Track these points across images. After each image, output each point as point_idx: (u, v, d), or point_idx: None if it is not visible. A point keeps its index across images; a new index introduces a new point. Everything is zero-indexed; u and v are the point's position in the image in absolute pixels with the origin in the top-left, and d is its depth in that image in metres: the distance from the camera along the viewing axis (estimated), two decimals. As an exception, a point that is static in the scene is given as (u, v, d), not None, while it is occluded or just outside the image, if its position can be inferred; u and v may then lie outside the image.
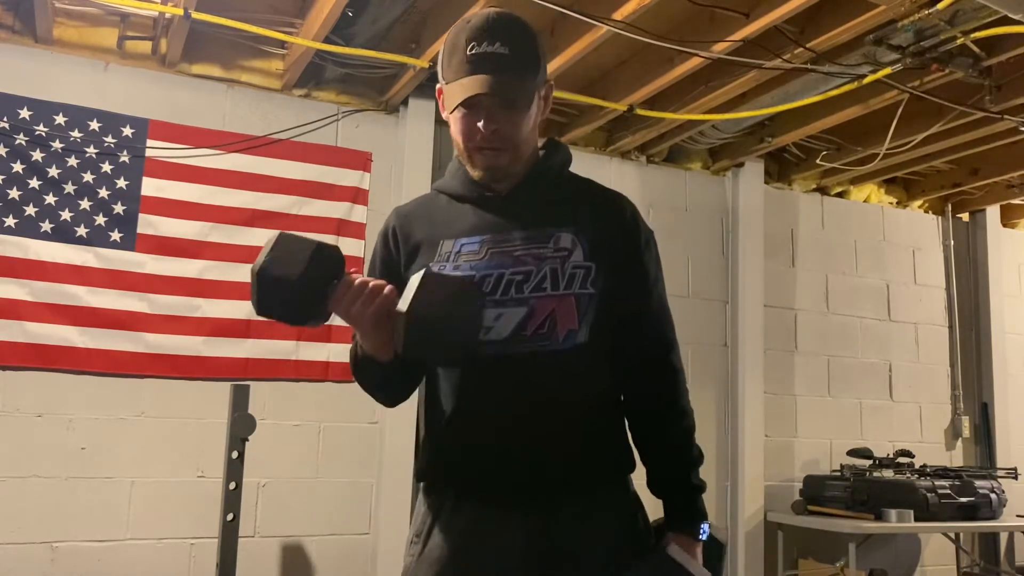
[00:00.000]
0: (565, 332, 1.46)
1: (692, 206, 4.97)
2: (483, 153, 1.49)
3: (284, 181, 3.99)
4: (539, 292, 1.46)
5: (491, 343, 1.44)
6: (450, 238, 1.52)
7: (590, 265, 1.48)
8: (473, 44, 1.44)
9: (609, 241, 1.52)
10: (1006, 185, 5.45)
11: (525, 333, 1.45)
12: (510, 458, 1.45)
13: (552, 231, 1.50)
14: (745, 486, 4.73)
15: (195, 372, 3.75)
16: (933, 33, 3.33)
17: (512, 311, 1.45)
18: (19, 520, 3.45)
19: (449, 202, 1.58)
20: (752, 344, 4.88)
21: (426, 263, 1.50)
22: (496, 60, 1.44)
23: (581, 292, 1.47)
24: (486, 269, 1.47)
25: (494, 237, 1.50)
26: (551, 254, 1.48)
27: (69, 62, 3.71)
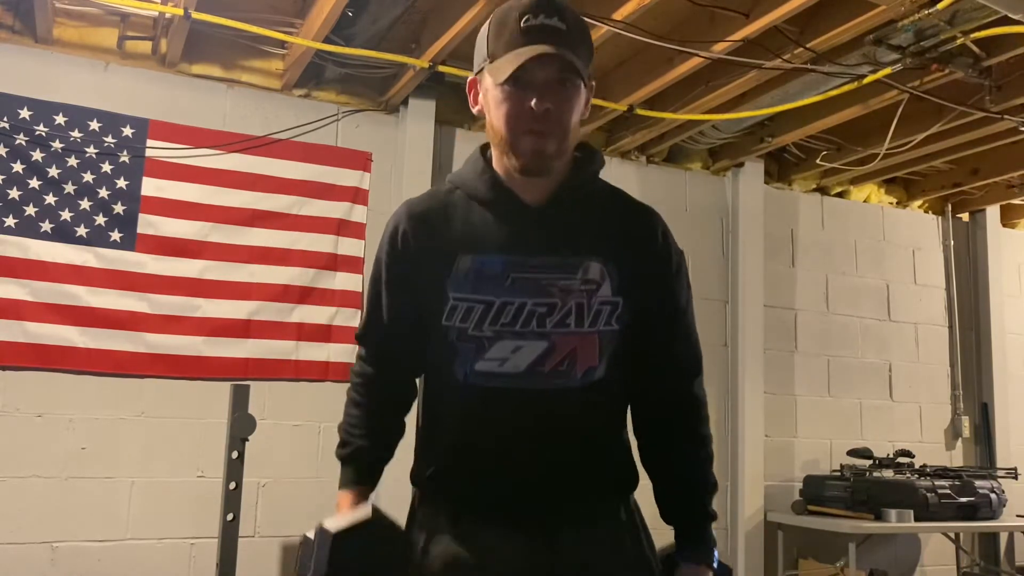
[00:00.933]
0: (584, 370, 1.40)
1: (692, 206, 4.97)
2: (530, 136, 1.36)
3: (284, 181, 3.99)
4: (562, 328, 1.38)
5: (505, 376, 1.38)
6: (468, 253, 1.40)
7: (617, 300, 1.41)
8: (528, 16, 1.35)
9: (640, 271, 1.44)
10: (1006, 185, 5.45)
11: (543, 369, 1.38)
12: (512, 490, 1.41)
13: (581, 260, 1.40)
14: (745, 486, 4.73)
15: (195, 372, 3.75)
16: (933, 33, 3.33)
17: (531, 344, 1.38)
18: (19, 520, 3.44)
19: (469, 204, 1.45)
20: (752, 344, 4.88)
21: (441, 276, 1.40)
22: (555, 32, 1.35)
23: (606, 329, 1.41)
24: (507, 296, 1.38)
25: (519, 260, 1.39)
26: (578, 287, 1.39)
27: (69, 62, 3.71)
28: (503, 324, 1.38)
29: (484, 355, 1.39)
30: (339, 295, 4.03)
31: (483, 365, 1.39)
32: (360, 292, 4.06)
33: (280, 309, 3.92)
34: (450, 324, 1.40)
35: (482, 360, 1.39)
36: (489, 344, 1.39)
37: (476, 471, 1.43)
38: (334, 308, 4.01)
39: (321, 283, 4.01)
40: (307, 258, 3.99)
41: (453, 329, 1.40)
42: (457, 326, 1.40)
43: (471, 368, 1.40)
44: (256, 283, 3.88)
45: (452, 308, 1.40)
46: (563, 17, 1.37)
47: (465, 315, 1.39)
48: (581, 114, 1.42)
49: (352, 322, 4.03)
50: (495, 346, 1.39)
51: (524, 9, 1.36)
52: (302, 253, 3.98)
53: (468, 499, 1.45)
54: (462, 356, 1.41)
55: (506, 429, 1.41)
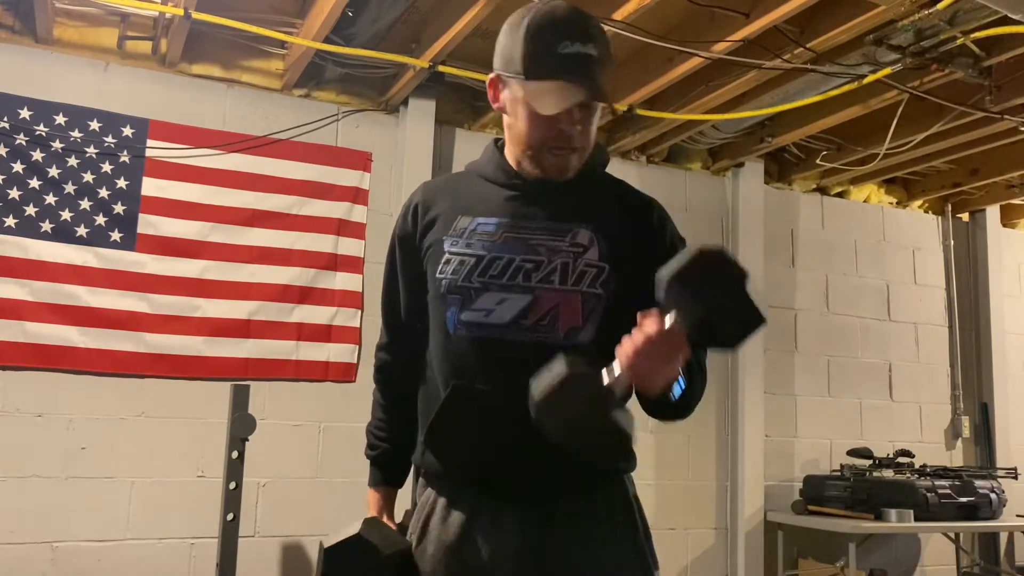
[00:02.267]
0: (567, 328, 1.44)
1: (692, 206, 4.97)
2: (555, 153, 1.48)
3: (284, 181, 3.99)
4: (546, 284, 1.44)
5: (490, 326, 1.44)
6: (468, 215, 1.51)
7: (603, 266, 1.46)
8: (566, 43, 1.41)
9: (629, 245, 1.50)
10: (1006, 185, 5.45)
11: (525, 322, 1.44)
12: (504, 451, 1.44)
13: (571, 226, 1.48)
14: (745, 486, 4.73)
15: (195, 372, 3.75)
16: (933, 33, 3.33)
17: (516, 297, 1.44)
18: (19, 520, 3.45)
19: (479, 180, 1.57)
20: (752, 344, 4.85)
21: (441, 236, 1.50)
22: (590, 63, 1.42)
23: (589, 291, 1.45)
24: (497, 251, 1.46)
25: (512, 222, 1.48)
26: (565, 248, 1.46)
27: (69, 62, 3.71)
28: (491, 276, 1.45)
29: (471, 305, 1.46)
30: (339, 295, 4.03)
31: (469, 315, 1.46)
32: (360, 292, 4.07)
33: (280, 309, 3.92)
34: (443, 276, 1.48)
35: (468, 310, 1.46)
36: (476, 295, 1.46)
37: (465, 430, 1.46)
38: (334, 308, 4.01)
39: (321, 283, 4.01)
40: (307, 258, 3.99)
41: (444, 280, 1.48)
42: (448, 277, 1.47)
43: (458, 318, 1.47)
44: (256, 283, 3.88)
45: (446, 260, 1.49)
46: (596, 42, 1.43)
47: (457, 267, 1.47)
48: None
49: (352, 322, 4.03)
50: (481, 297, 1.46)
51: (562, 31, 1.42)
52: (302, 253, 3.99)
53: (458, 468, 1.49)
54: (451, 307, 1.47)
55: (492, 380, 1.44)
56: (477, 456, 1.47)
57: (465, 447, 1.48)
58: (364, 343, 4.02)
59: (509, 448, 1.43)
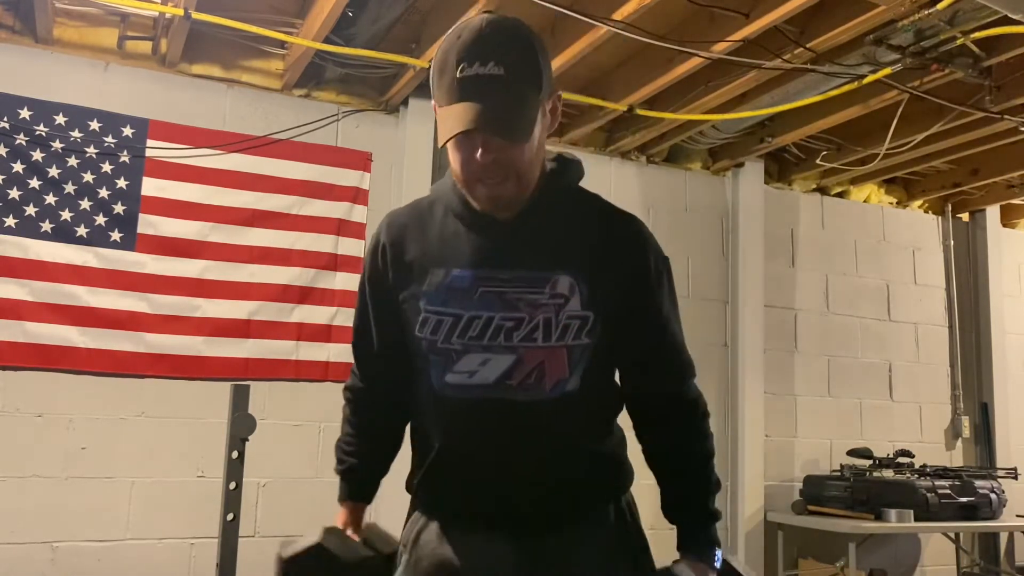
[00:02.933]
0: (554, 382, 1.40)
1: (692, 206, 4.97)
2: (484, 184, 1.36)
3: (284, 181, 3.99)
4: (529, 342, 1.38)
5: (475, 387, 1.39)
6: (440, 266, 1.42)
7: (587, 315, 1.39)
8: (463, 65, 1.29)
9: (613, 286, 1.41)
10: (1006, 185, 5.45)
11: (511, 382, 1.38)
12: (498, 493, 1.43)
13: (550, 274, 1.39)
14: (745, 486, 4.73)
15: (195, 372, 3.75)
16: (933, 33, 3.33)
17: (499, 358, 1.38)
18: (19, 520, 3.44)
19: (445, 216, 1.46)
20: (752, 344, 4.88)
21: (416, 291, 1.43)
22: (488, 84, 1.28)
23: (575, 344, 1.39)
24: (475, 310, 1.38)
25: (487, 274, 1.39)
26: (545, 301, 1.38)
27: (69, 62, 3.71)
28: (471, 337, 1.39)
29: (453, 367, 1.41)
30: (339, 295, 4.03)
31: (453, 377, 1.41)
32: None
33: (280, 309, 3.92)
34: (422, 336, 1.42)
35: (451, 372, 1.41)
36: (457, 356, 1.40)
37: (458, 479, 1.46)
38: (334, 308, 4.01)
39: (321, 283, 4.01)
40: (307, 258, 3.99)
41: (425, 340, 1.42)
42: (428, 338, 1.42)
43: (442, 380, 1.42)
44: (256, 283, 3.88)
45: (424, 320, 1.42)
46: (501, 58, 1.29)
47: (435, 327, 1.41)
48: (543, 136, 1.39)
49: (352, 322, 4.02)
50: (463, 359, 1.40)
51: (461, 53, 1.30)
52: (302, 253, 3.98)
53: (452, 506, 1.48)
54: (434, 368, 1.43)
55: (481, 439, 1.42)
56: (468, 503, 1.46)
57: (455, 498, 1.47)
58: (364, 343, 4.02)
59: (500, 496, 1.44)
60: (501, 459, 1.42)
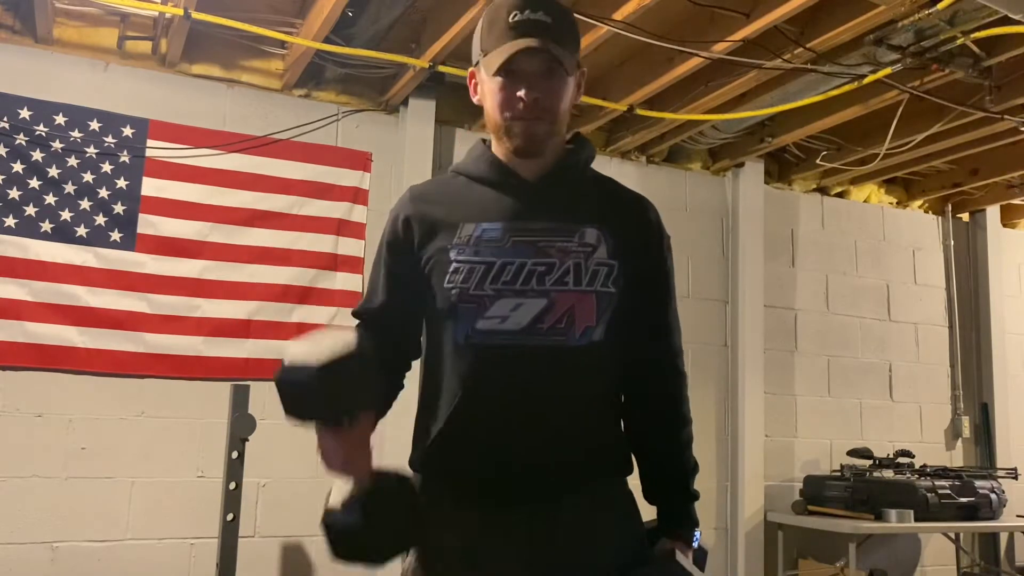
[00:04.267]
0: (583, 329, 1.44)
1: (692, 206, 4.97)
2: (521, 122, 1.46)
3: (284, 181, 3.99)
4: (560, 286, 1.43)
5: (506, 332, 1.42)
6: (471, 221, 1.47)
7: (613, 263, 1.47)
8: (515, 12, 1.44)
9: (633, 242, 1.51)
10: (1006, 185, 5.45)
11: (542, 326, 1.42)
12: (513, 456, 1.43)
13: (578, 226, 1.48)
14: (745, 486, 4.73)
15: (195, 372, 3.75)
16: (933, 33, 3.33)
17: (531, 302, 1.42)
18: (19, 520, 3.44)
19: (468, 184, 1.54)
20: (752, 344, 4.88)
21: (445, 244, 1.47)
22: (541, 26, 1.44)
23: (603, 290, 1.45)
24: (508, 257, 1.44)
25: (517, 225, 1.47)
26: (575, 248, 1.46)
27: (69, 62, 3.71)
28: (504, 283, 1.43)
29: (485, 313, 1.43)
30: (339, 295, 4.03)
31: (484, 324, 1.43)
32: (360, 292, 4.06)
33: (280, 309, 3.91)
34: (452, 285, 1.44)
35: (483, 319, 1.43)
36: (490, 302, 1.43)
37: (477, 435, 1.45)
38: (334, 308, 4.01)
39: (321, 283, 4.01)
40: (307, 258, 3.99)
41: (455, 290, 1.44)
42: (459, 286, 1.44)
43: (472, 327, 1.44)
44: (256, 283, 3.88)
45: (455, 269, 1.45)
46: (548, 11, 1.46)
47: (467, 276, 1.44)
48: (572, 99, 1.52)
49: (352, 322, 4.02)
50: (496, 304, 1.43)
51: (512, 5, 1.45)
52: (302, 253, 3.98)
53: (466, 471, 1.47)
54: (463, 316, 1.44)
55: (506, 388, 1.43)
56: (485, 461, 1.45)
57: (474, 453, 1.46)
58: (364, 343, 4.02)
59: (518, 452, 1.43)
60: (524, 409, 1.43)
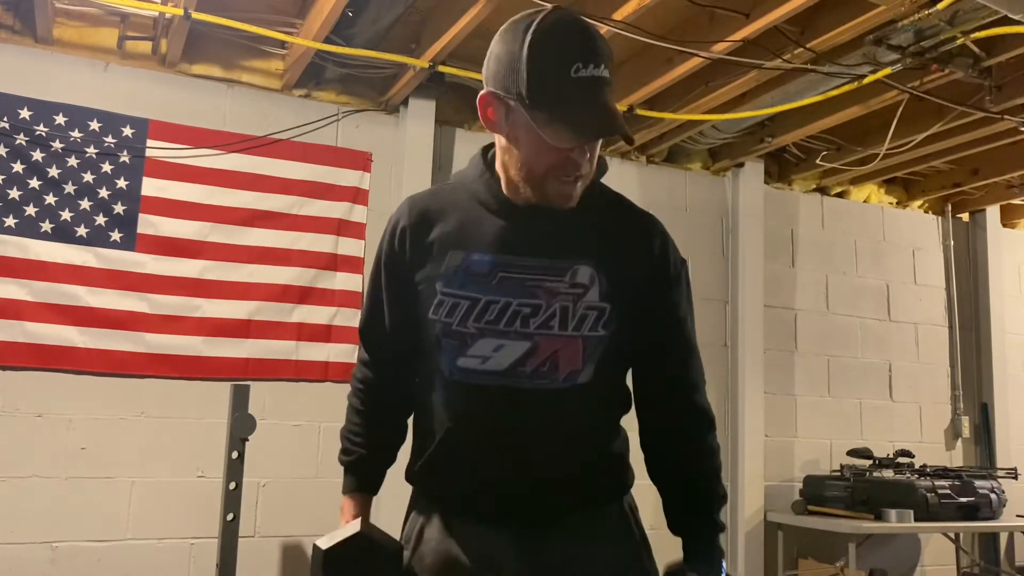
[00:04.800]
0: (567, 373, 1.39)
1: (692, 206, 4.97)
2: (561, 182, 1.37)
3: (284, 181, 3.99)
4: (545, 330, 1.38)
5: (487, 373, 1.39)
6: (460, 248, 1.41)
7: (605, 307, 1.40)
8: (578, 65, 1.28)
9: (632, 278, 1.43)
10: (1006, 185, 5.45)
11: (524, 369, 1.38)
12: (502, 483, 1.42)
13: (570, 264, 1.39)
14: (745, 486, 4.72)
15: (195, 372, 3.75)
16: (933, 33, 3.33)
17: (513, 344, 1.38)
18: (19, 520, 3.44)
19: (468, 202, 1.46)
20: (752, 344, 4.88)
21: (433, 273, 1.42)
22: (604, 86, 1.31)
23: (590, 335, 1.39)
24: (492, 294, 1.38)
25: (507, 259, 1.39)
26: (564, 290, 1.39)
27: (69, 62, 3.71)
28: (487, 322, 1.39)
29: (466, 351, 1.40)
30: (339, 295, 4.03)
31: (465, 361, 1.40)
32: (360, 292, 4.06)
33: (280, 309, 3.92)
34: (436, 318, 1.41)
35: (464, 356, 1.40)
36: (472, 341, 1.39)
37: (462, 466, 1.44)
38: (334, 308, 4.01)
39: (321, 283, 4.01)
40: (307, 258, 3.99)
41: (438, 323, 1.41)
42: (442, 320, 1.41)
43: (454, 364, 1.41)
44: (256, 283, 3.88)
45: (439, 303, 1.41)
46: (607, 61, 1.32)
47: (451, 310, 1.40)
48: None
49: (352, 322, 4.02)
50: (477, 343, 1.39)
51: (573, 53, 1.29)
52: (302, 253, 3.98)
53: (455, 496, 1.47)
54: (446, 351, 1.42)
55: (489, 426, 1.42)
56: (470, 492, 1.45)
57: (459, 484, 1.46)
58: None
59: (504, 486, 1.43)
60: (508, 447, 1.41)
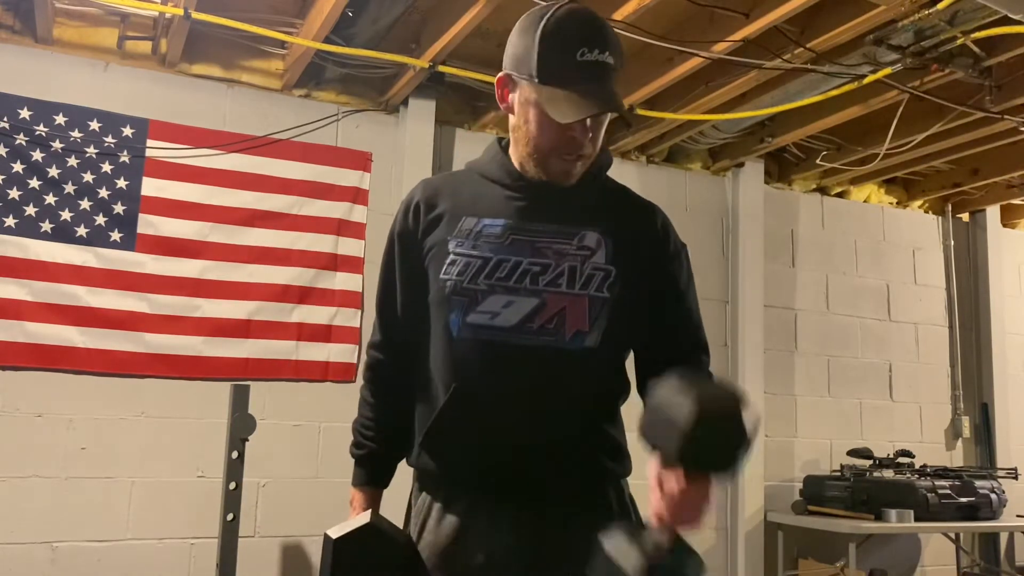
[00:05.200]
0: (573, 332, 1.43)
1: (692, 206, 4.97)
2: (564, 159, 1.46)
3: (284, 181, 3.99)
4: (553, 287, 1.43)
5: (496, 328, 1.42)
6: (473, 215, 1.49)
7: (610, 268, 1.46)
8: (584, 50, 1.40)
9: (635, 247, 1.50)
10: (1006, 185, 5.45)
11: (532, 325, 1.42)
12: (504, 453, 1.43)
13: (578, 229, 1.47)
14: (745, 486, 4.72)
15: (195, 372, 3.75)
16: (933, 33, 3.33)
17: (523, 300, 1.43)
18: (19, 520, 3.45)
19: (480, 180, 1.54)
20: (752, 344, 4.88)
21: (445, 236, 1.48)
22: (608, 72, 1.42)
23: (596, 295, 1.45)
24: (504, 254, 1.44)
25: (518, 223, 1.47)
26: (573, 251, 1.46)
27: (69, 62, 3.71)
28: (497, 279, 1.44)
29: (476, 308, 1.44)
30: (339, 295, 4.03)
31: (474, 317, 1.44)
32: (360, 292, 4.06)
33: (280, 309, 3.92)
34: (447, 277, 1.45)
35: (474, 312, 1.44)
36: (482, 297, 1.44)
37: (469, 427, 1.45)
38: (334, 308, 4.01)
39: (321, 283, 4.01)
40: (307, 258, 3.99)
41: (450, 282, 1.45)
42: (454, 278, 1.45)
43: (463, 320, 1.44)
44: (256, 283, 3.88)
45: (451, 262, 1.46)
46: (612, 49, 1.42)
47: (462, 269, 1.45)
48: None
49: (352, 322, 4.03)
50: (487, 299, 1.44)
51: (582, 38, 1.40)
52: (302, 253, 3.99)
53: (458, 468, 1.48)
54: (455, 309, 1.45)
55: (496, 384, 1.44)
56: (474, 458, 1.46)
57: (463, 449, 1.47)
58: (364, 343, 4.02)
59: (507, 450, 1.44)
60: (515, 402, 1.43)
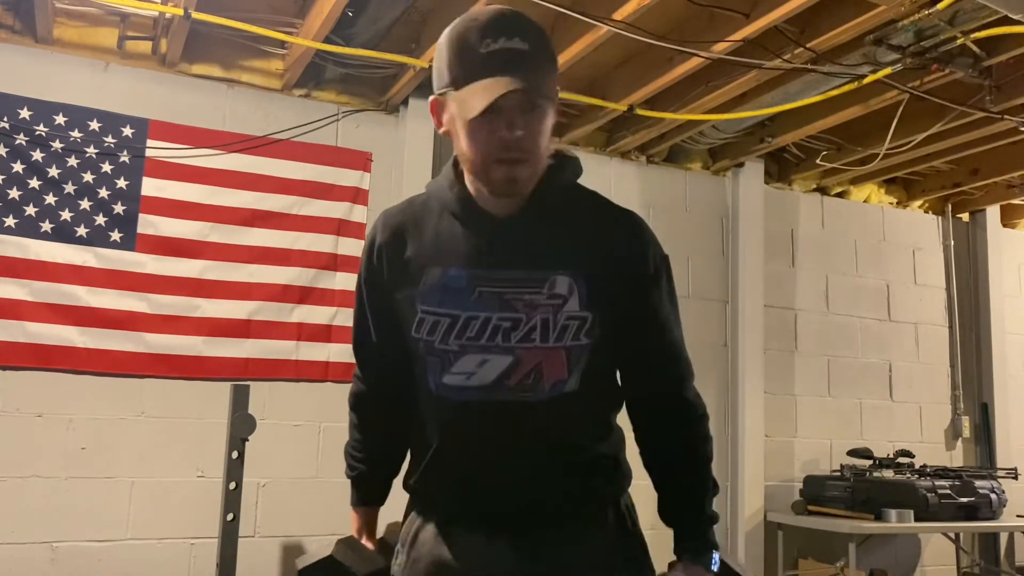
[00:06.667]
0: (552, 383, 1.39)
1: (692, 206, 4.97)
2: (502, 165, 1.33)
3: (284, 181, 3.99)
4: (527, 343, 1.37)
5: (473, 389, 1.39)
6: (437, 265, 1.40)
7: (586, 315, 1.38)
8: (488, 40, 1.28)
9: (611, 284, 1.40)
10: (1006, 185, 5.45)
11: (508, 383, 1.38)
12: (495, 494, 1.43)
13: (548, 274, 1.37)
14: (745, 486, 4.73)
15: (195, 372, 3.75)
16: (933, 33, 3.33)
17: (496, 359, 1.38)
18: (19, 520, 3.45)
19: (441, 214, 1.44)
20: (752, 344, 4.88)
21: (411, 291, 1.41)
22: (518, 56, 1.28)
23: (573, 344, 1.38)
24: (472, 310, 1.37)
25: (485, 274, 1.38)
26: (544, 301, 1.37)
27: (69, 62, 3.71)
28: (468, 338, 1.38)
29: (450, 368, 1.40)
30: (339, 295, 4.03)
31: (450, 379, 1.41)
32: (360, 292, 4.06)
33: (280, 309, 3.92)
34: (419, 337, 1.41)
35: (449, 374, 1.40)
36: (455, 358, 1.40)
37: (456, 479, 1.45)
38: (334, 308, 4.01)
39: (321, 283, 4.01)
40: (307, 258, 3.99)
41: (421, 342, 1.41)
42: (424, 339, 1.41)
43: (439, 381, 1.42)
44: (256, 283, 3.88)
45: (420, 321, 1.41)
46: (524, 35, 1.30)
47: (432, 328, 1.40)
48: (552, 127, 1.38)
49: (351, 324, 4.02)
50: (461, 360, 1.39)
51: (483, 30, 1.29)
52: (302, 253, 3.99)
53: (449, 506, 1.48)
54: (431, 368, 1.42)
55: (479, 440, 1.42)
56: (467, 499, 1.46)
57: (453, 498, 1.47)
58: (364, 343, 4.02)
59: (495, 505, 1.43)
60: (499, 460, 1.42)
